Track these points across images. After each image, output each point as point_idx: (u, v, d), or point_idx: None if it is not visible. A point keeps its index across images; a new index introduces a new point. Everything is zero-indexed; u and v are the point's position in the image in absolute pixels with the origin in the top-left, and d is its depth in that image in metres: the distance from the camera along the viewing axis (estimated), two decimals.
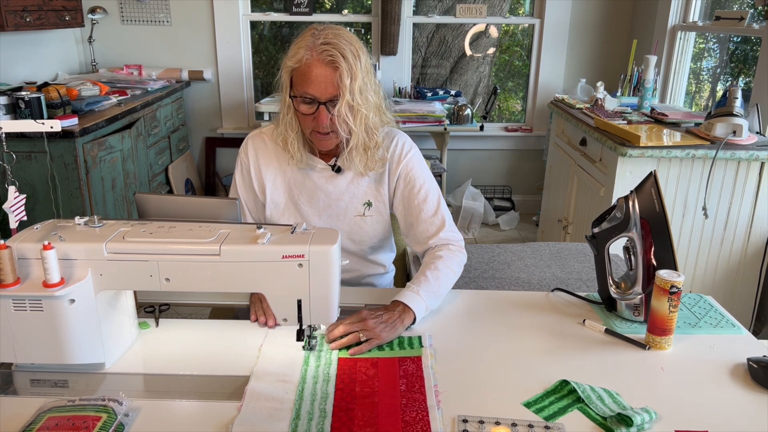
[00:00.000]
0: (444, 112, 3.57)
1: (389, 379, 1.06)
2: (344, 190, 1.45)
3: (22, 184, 2.37)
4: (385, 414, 0.97)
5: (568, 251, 1.91)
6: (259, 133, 1.48)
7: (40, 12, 2.96)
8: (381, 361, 1.12)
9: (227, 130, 4.06)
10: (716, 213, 2.37)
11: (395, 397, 1.01)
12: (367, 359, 1.12)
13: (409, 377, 1.07)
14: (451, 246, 1.41)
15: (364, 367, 1.10)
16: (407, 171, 1.44)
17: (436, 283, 1.30)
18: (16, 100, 2.41)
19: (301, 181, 1.45)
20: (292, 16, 3.93)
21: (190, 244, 1.04)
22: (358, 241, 1.49)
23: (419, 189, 1.43)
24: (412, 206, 1.44)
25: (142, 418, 0.95)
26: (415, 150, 1.47)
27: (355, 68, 1.26)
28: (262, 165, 1.46)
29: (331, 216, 1.46)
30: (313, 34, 1.27)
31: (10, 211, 1.10)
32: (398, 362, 1.11)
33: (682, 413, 0.97)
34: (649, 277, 1.21)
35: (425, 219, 1.43)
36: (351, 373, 1.08)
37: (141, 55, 3.87)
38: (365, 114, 1.31)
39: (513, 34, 4.55)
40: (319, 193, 1.45)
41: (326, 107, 1.27)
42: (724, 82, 3.38)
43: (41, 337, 1.03)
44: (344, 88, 1.26)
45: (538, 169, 4.18)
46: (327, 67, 1.24)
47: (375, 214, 1.47)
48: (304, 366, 1.10)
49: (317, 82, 1.25)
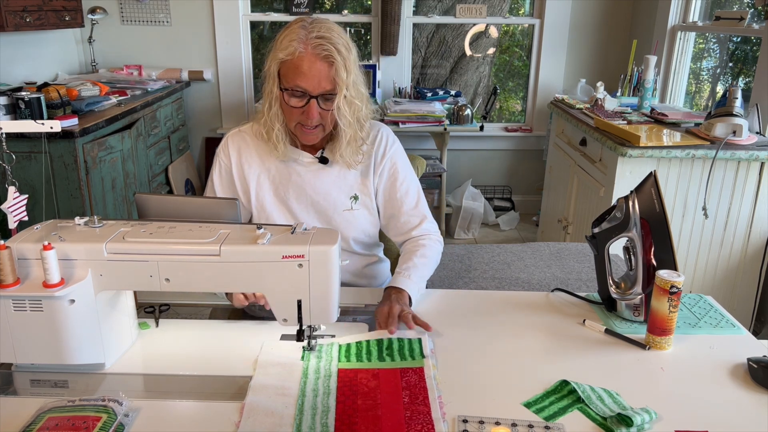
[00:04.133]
0: (444, 112, 3.57)
1: (391, 390, 1.04)
2: (332, 185, 1.42)
3: (22, 184, 2.36)
4: (389, 428, 0.94)
5: (568, 251, 1.91)
6: (239, 132, 1.46)
7: (40, 12, 2.96)
8: (382, 373, 1.09)
9: (227, 130, 4.02)
10: (716, 213, 2.37)
11: (399, 410, 0.98)
12: (368, 370, 1.10)
13: (411, 388, 1.04)
14: (431, 236, 1.46)
15: (365, 379, 1.07)
16: (392, 164, 1.45)
17: (425, 268, 1.37)
18: (16, 101, 2.41)
19: (287, 176, 1.42)
20: (292, 16, 3.93)
21: (190, 245, 1.04)
22: (348, 237, 1.46)
23: (402, 182, 1.45)
24: (395, 198, 1.45)
25: (142, 418, 0.95)
26: (399, 143, 1.49)
27: (349, 62, 1.26)
28: (245, 164, 1.43)
29: (320, 212, 1.43)
30: (304, 26, 1.25)
31: (9, 211, 1.10)
32: (400, 373, 1.08)
33: (682, 413, 0.97)
34: (649, 277, 1.21)
35: (407, 211, 1.45)
36: (352, 385, 1.05)
37: (141, 56, 3.87)
38: (359, 106, 1.31)
39: (513, 34, 4.55)
40: (306, 187, 1.42)
41: (317, 101, 1.26)
42: (724, 82, 3.38)
43: (41, 337, 1.03)
44: (341, 83, 1.25)
45: (538, 169, 4.18)
46: (322, 61, 1.23)
47: (362, 207, 1.45)
48: (303, 378, 1.06)
49: (311, 77, 1.24)
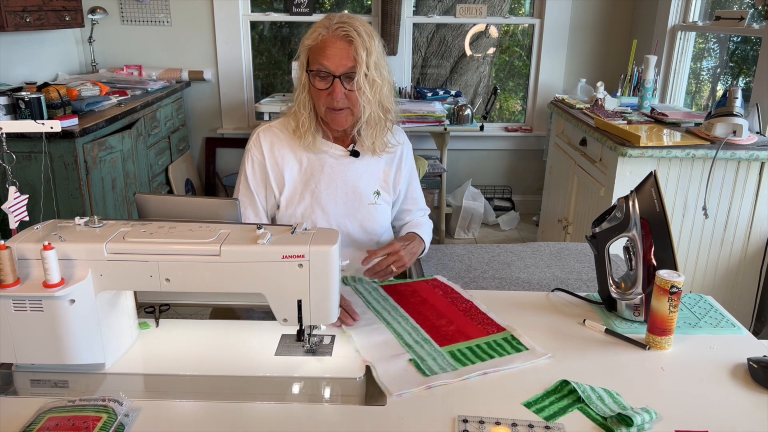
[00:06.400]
0: (444, 112, 3.57)
1: (435, 298, 1.32)
2: (359, 178, 1.49)
3: (22, 184, 2.35)
4: (460, 322, 1.22)
5: (568, 251, 1.91)
6: (269, 127, 1.50)
7: (40, 12, 2.96)
8: (416, 285, 1.39)
9: (227, 130, 4.06)
10: (716, 213, 2.37)
11: (454, 310, 1.28)
12: (406, 285, 1.38)
13: (447, 293, 1.34)
14: (426, 215, 1.68)
15: (408, 291, 1.35)
16: (410, 168, 1.60)
17: (430, 238, 1.60)
18: (16, 101, 2.40)
19: (319, 167, 1.47)
20: (292, 16, 3.93)
21: (191, 245, 1.04)
22: (369, 230, 1.52)
23: (416, 185, 1.64)
24: (408, 199, 1.63)
25: (142, 418, 0.95)
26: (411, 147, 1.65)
27: (370, 44, 1.34)
28: (278, 157, 1.47)
29: (347, 203, 1.49)
30: (329, 17, 1.35)
31: (10, 211, 1.10)
32: (426, 284, 1.39)
33: (682, 413, 0.97)
34: (649, 277, 1.21)
35: (417, 210, 1.65)
36: (410, 303, 1.30)
37: (141, 56, 3.87)
38: (380, 86, 1.37)
39: (513, 34, 4.55)
40: (337, 179, 1.48)
41: (341, 81, 1.33)
42: (724, 82, 3.38)
43: (41, 337, 1.03)
44: (360, 61, 1.32)
45: (538, 169, 4.18)
46: (342, 41, 1.32)
47: (383, 203, 1.54)
48: (369, 306, 1.28)
49: (332, 56, 1.32)
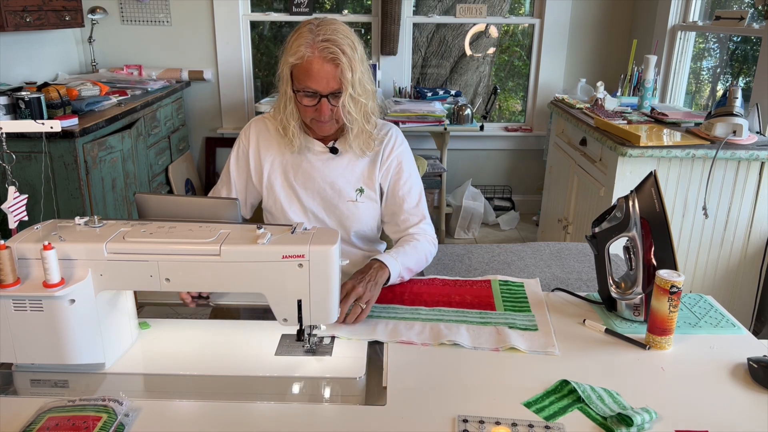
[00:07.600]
0: (444, 112, 3.57)
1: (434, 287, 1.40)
2: (339, 175, 1.50)
3: (22, 184, 2.35)
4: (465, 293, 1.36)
5: (568, 251, 1.91)
6: (262, 118, 1.54)
7: (40, 12, 2.96)
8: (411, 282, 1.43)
9: (227, 130, 4.06)
10: (716, 213, 2.37)
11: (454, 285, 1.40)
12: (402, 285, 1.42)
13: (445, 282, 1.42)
14: (427, 236, 1.52)
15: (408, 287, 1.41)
16: (398, 162, 1.52)
17: (413, 258, 1.44)
18: (16, 101, 2.40)
19: (298, 163, 1.50)
20: (292, 16, 3.93)
21: (190, 244, 1.04)
22: (347, 227, 1.52)
23: (405, 180, 1.52)
24: (397, 196, 1.52)
25: (142, 418, 0.95)
26: (407, 145, 1.57)
27: (354, 61, 1.34)
28: (262, 148, 1.51)
29: (325, 199, 1.50)
30: (311, 30, 1.33)
31: (9, 211, 1.10)
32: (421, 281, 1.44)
33: (682, 413, 0.97)
34: (649, 277, 1.21)
35: (408, 209, 1.52)
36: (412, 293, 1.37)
37: (141, 55, 3.87)
38: (364, 102, 1.39)
39: (513, 34, 4.55)
40: (315, 175, 1.49)
41: (327, 99, 1.35)
42: (724, 82, 3.38)
43: (41, 337, 1.03)
44: (346, 83, 1.33)
45: (538, 169, 4.18)
46: (329, 63, 1.31)
47: (366, 200, 1.52)
48: None
49: (319, 78, 1.32)
